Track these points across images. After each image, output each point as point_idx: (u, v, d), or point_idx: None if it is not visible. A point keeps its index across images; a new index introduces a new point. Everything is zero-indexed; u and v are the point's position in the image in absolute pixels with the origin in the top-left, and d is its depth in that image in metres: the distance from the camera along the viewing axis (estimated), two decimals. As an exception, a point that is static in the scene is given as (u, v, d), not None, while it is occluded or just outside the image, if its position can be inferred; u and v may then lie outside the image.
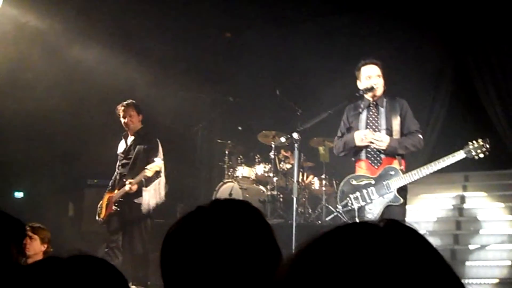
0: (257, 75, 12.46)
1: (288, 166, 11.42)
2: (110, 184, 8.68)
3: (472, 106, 11.94)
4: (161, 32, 11.23)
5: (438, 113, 12.13)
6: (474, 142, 5.97)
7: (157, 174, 8.22)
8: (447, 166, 9.51)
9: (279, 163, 11.65)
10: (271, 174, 11.18)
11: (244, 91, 12.62)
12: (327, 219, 10.22)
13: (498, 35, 11.56)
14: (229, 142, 11.50)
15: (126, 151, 8.50)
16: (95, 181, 11.14)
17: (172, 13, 11.12)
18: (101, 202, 8.56)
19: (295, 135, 6.41)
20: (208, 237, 1.82)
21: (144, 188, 8.18)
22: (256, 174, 11.34)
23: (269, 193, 10.98)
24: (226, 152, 11.57)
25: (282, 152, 11.72)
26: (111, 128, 9.45)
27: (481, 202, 10.60)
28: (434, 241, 9.80)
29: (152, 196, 8.29)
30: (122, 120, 8.41)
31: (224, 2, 11.03)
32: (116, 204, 8.22)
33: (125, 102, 8.44)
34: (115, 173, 8.68)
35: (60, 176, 10.93)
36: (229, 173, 11.39)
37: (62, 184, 10.91)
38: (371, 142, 6.15)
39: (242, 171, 11.25)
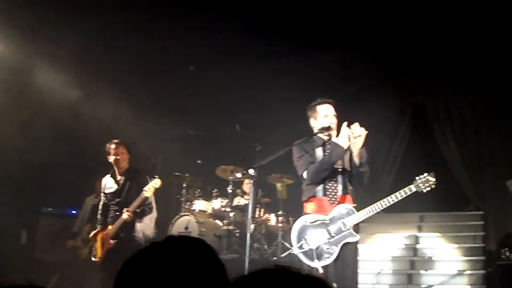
0: (217, 109, 12.48)
1: (245, 201, 11.41)
2: (98, 223, 8.55)
3: (429, 147, 12.10)
4: (124, 62, 11.19)
5: (397, 153, 12.27)
6: (421, 176, 6.03)
7: (150, 208, 8.26)
8: (403, 207, 9.62)
9: (236, 198, 11.64)
10: (228, 209, 11.15)
11: (204, 125, 12.61)
12: (282, 255, 10.18)
13: (456, 78, 11.82)
14: (187, 175, 11.45)
15: (118, 192, 8.39)
16: (50, 209, 10.98)
17: (136, 44, 11.10)
18: (92, 243, 8.44)
19: (251, 171, 6.39)
20: (160, 273, 1.82)
21: (138, 221, 8.19)
22: (213, 208, 11.30)
23: (225, 227, 10.94)
24: (184, 185, 11.52)
25: (244, 185, 11.71)
26: (66, 156, 9.34)
27: (435, 243, 10.71)
28: (388, 279, 9.87)
29: (145, 228, 8.26)
30: (112, 157, 8.32)
31: (188, 35, 11.04)
32: (113, 239, 8.09)
33: (115, 140, 8.39)
34: (100, 211, 8.56)
35: (13, 201, 10.72)
36: (186, 206, 11.32)
37: (16, 210, 10.69)
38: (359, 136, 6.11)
39: (199, 204, 11.20)
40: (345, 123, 6.23)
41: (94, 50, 10.73)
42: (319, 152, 6.39)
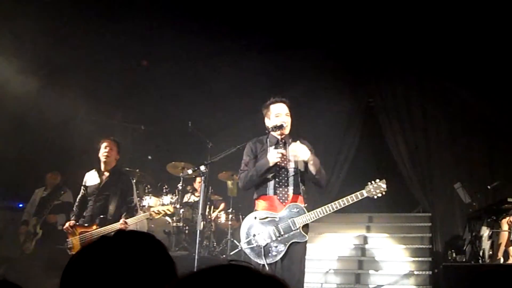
0: (170, 106, 12.38)
1: (195, 198, 11.35)
2: (75, 215, 8.29)
3: (379, 149, 12.24)
4: (76, 57, 11.00)
5: (347, 154, 12.38)
6: (373, 182, 6.04)
7: (135, 210, 8.16)
8: (352, 207, 9.67)
9: (187, 195, 11.58)
10: (177, 206, 11.07)
11: (156, 120, 12.51)
12: (231, 253, 10.17)
13: (406, 80, 11.97)
14: (137, 170, 11.31)
15: (101, 188, 8.23)
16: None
17: (89, 38, 10.93)
18: (71, 237, 8.24)
19: (202, 168, 6.35)
20: (108, 267, 1.79)
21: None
22: (162, 204, 11.19)
23: (174, 224, 10.86)
24: (134, 181, 11.38)
25: (195, 183, 11.66)
26: (15, 150, 9.16)
27: (383, 243, 10.81)
28: (336, 279, 9.92)
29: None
30: (103, 150, 8.22)
31: (141, 32, 10.93)
32: None
33: (111, 137, 8.38)
34: (77, 204, 8.35)
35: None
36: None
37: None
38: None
39: (149, 201, 11.08)
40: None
41: (47, 44, 10.54)
42: (272, 150, 6.37)
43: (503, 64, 10.88)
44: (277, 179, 6.20)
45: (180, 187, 11.19)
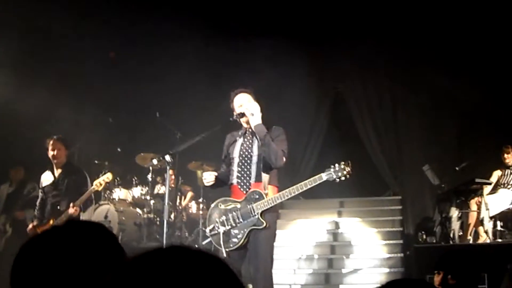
0: (137, 96, 12.29)
1: (165, 189, 11.30)
2: (37, 217, 8.36)
3: (348, 134, 12.29)
4: (43, 49, 10.87)
5: (316, 140, 12.42)
6: (336, 165, 5.86)
7: (91, 200, 8.22)
8: (323, 193, 9.69)
9: (157, 186, 11.53)
10: (148, 197, 11.02)
11: (124, 112, 12.41)
12: (203, 243, 10.15)
13: (374, 64, 12.02)
14: (106, 163, 11.21)
15: (55, 184, 8.29)
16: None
17: (54, 30, 10.79)
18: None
19: (167, 158, 6.32)
20: (55, 256, 1.78)
21: (82, 213, 8.00)
22: (133, 196, 11.16)
23: (145, 216, 10.81)
24: (103, 173, 11.29)
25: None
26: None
27: (355, 227, 10.87)
28: (309, 265, 9.96)
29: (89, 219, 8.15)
30: (50, 152, 8.24)
31: (107, 21, 10.82)
32: None
33: (55, 136, 8.34)
34: (37, 207, 8.42)
35: None
36: (106, 195, 11.11)
37: None
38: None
39: (119, 193, 11.03)
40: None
41: (13, 37, 10.41)
42: (238, 143, 6.38)
43: (471, 46, 10.97)
44: (239, 169, 6.21)
45: (150, 179, 11.13)
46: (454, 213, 9.86)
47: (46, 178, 8.45)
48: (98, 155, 11.77)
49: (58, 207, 8.09)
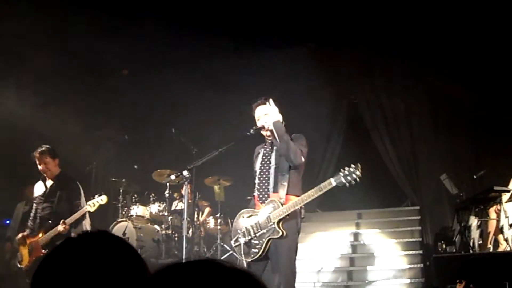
0: (153, 113, 12.35)
1: (183, 205, 11.30)
2: (29, 227, 8.26)
3: (365, 145, 12.25)
4: (58, 66, 10.91)
5: (332, 152, 12.40)
6: (346, 168, 5.81)
7: (83, 215, 7.94)
8: (341, 204, 9.66)
9: (174, 202, 11.55)
10: (166, 213, 11.03)
11: (140, 129, 12.46)
12: (222, 258, 10.13)
13: (388, 75, 11.99)
14: (123, 180, 11.24)
15: (47, 195, 8.16)
16: None
17: (70, 47, 10.85)
18: (21, 248, 8.16)
19: (185, 173, 6.34)
20: (74, 267, 1.77)
21: (73, 230, 7.85)
22: (150, 213, 11.16)
23: (163, 232, 10.80)
24: (121, 190, 11.32)
25: (183, 190, 11.62)
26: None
27: (374, 239, 10.81)
28: (328, 277, 9.92)
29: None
30: (39, 166, 8.13)
31: (122, 39, 10.88)
32: (45, 248, 7.82)
33: (39, 149, 8.16)
34: (31, 218, 8.29)
35: None
36: (124, 212, 11.13)
37: None
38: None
39: (137, 210, 11.03)
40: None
41: (27, 52, 10.48)
42: (260, 154, 6.38)
43: (485, 55, 10.92)
44: (258, 181, 6.21)
45: (167, 195, 11.15)
46: (473, 221, 9.77)
47: (38, 190, 8.34)
48: (114, 173, 11.81)
49: (49, 221, 7.94)
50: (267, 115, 6.31)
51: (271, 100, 6.37)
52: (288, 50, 11.71)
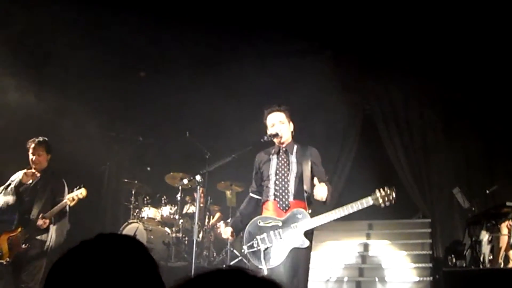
0: (168, 116, 12.38)
1: (195, 208, 11.33)
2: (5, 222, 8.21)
3: (378, 156, 12.23)
4: (72, 67, 10.96)
5: (346, 161, 12.39)
6: (382, 190, 5.80)
7: (64, 213, 7.84)
8: (352, 214, 9.63)
9: (186, 206, 11.57)
10: (176, 216, 11.06)
11: (154, 131, 12.50)
12: (231, 263, 10.14)
13: (403, 86, 11.97)
14: (136, 182, 11.28)
15: (31, 189, 7.95)
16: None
17: (85, 49, 10.90)
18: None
19: (198, 177, 6.31)
20: (89, 270, 1.77)
21: (51, 226, 7.80)
22: (162, 215, 11.19)
23: (174, 235, 10.83)
24: (133, 192, 11.37)
25: (195, 193, 11.65)
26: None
27: (383, 250, 10.78)
28: (337, 287, 9.89)
29: (59, 234, 7.95)
30: (30, 156, 7.93)
31: (137, 41, 10.94)
32: (25, 243, 7.78)
33: (37, 139, 7.98)
34: (9, 209, 7.97)
35: None
36: (135, 214, 11.17)
37: None
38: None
39: (148, 212, 11.07)
40: None
41: (40, 53, 10.55)
42: (273, 162, 6.37)
43: (499, 67, 10.89)
44: (276, 187, 6.19)
45: (179, 198, 11.18)
46: (485, 236, 9.73)
47: (18, 179, 8.03)
48: (127, 174, 11.85)
49: (31, 216, 7.72)
50: (283, 123, 6.33)
51: (283, 116, 6.40)
52: (303, 58, 11.71)
